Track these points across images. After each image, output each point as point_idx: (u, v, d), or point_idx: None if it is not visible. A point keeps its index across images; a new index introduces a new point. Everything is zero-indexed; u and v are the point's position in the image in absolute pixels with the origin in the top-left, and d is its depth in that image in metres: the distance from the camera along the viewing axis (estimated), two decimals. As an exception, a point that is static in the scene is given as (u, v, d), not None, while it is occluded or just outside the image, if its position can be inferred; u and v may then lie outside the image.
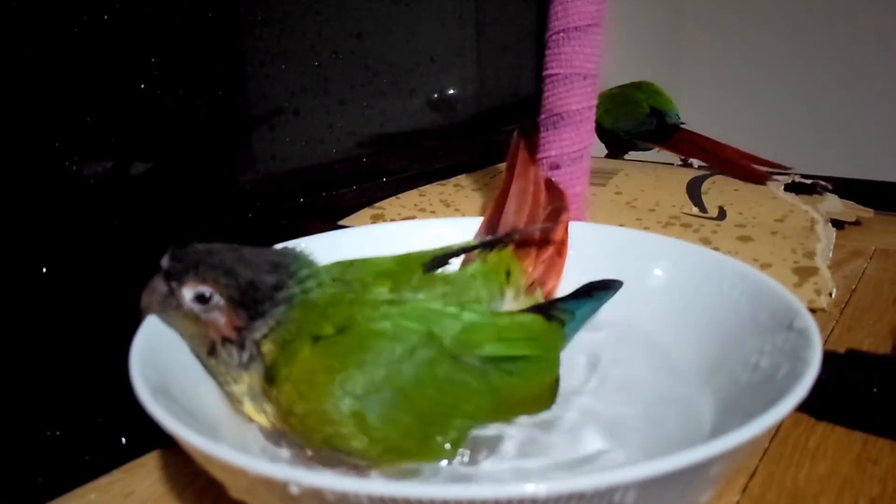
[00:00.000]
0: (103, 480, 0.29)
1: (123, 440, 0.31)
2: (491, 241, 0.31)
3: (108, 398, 0.32)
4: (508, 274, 0.30)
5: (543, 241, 0.33)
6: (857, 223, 0.57)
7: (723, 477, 0.19)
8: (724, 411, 0.24)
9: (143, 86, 0.39)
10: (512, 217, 0.36)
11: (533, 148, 0.41)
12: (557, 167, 0.39)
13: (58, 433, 0.31)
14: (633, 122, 0.67)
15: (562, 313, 0.27)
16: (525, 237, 0.33)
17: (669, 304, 0.31)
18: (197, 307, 0.24)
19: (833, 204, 0.56)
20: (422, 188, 0.57)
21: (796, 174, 0.59)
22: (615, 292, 0.30)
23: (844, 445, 0.30)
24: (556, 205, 0.36)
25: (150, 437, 0.31)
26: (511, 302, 0.29)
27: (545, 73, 0.41)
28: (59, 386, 0.33)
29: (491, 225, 0.36)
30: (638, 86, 0.69)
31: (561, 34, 0.39)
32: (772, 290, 0.27)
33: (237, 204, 0.46)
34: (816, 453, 0.30)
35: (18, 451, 0.30)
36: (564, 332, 0.27)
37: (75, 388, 0.33)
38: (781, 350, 0.24)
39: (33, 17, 0.33)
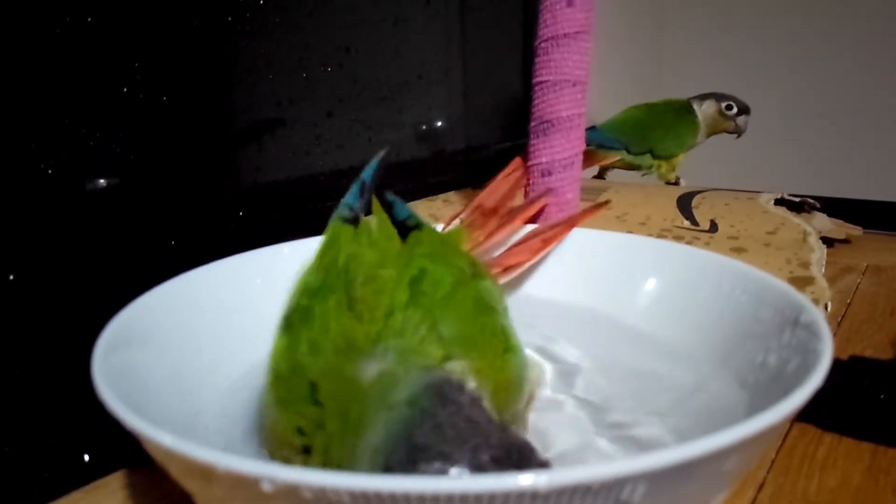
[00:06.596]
0: (62, 502, 0.27)
1: (86, 457, 0.29)
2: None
3: (70, 413, 0.30)
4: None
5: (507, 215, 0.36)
6: (846, 241, 0.57)
7: (738, 473, 0.18)
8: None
9: (125, 90, 0.38)
10: (485, 197, 0.38)
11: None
12: (549, 174, 0.38)
13: (14, 449, 0.29)
14: None
15: (414, 220, 0.28)
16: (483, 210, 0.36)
17: (667, 306, 0.30)
18: None
19: (822, 222, 0.55)
20: (410, 203, 0.56)
21: (784, 192, 0.58)
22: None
23: (854, 456, 0.29)
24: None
25: (115, 455, 0.29)
26: None
27: (534, 80, 0.40)
28: (16, 399, 0.31)
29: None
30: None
31: (550, 41, 0.39)
32: (774, 287, 0.26)
33: (219, 214, 0.44)
34: (826, 464, 0.28)
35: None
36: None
37: (34, 402, 0.31)
38: (789, 345, 0.23)
39: (13, 15, 0.32)
